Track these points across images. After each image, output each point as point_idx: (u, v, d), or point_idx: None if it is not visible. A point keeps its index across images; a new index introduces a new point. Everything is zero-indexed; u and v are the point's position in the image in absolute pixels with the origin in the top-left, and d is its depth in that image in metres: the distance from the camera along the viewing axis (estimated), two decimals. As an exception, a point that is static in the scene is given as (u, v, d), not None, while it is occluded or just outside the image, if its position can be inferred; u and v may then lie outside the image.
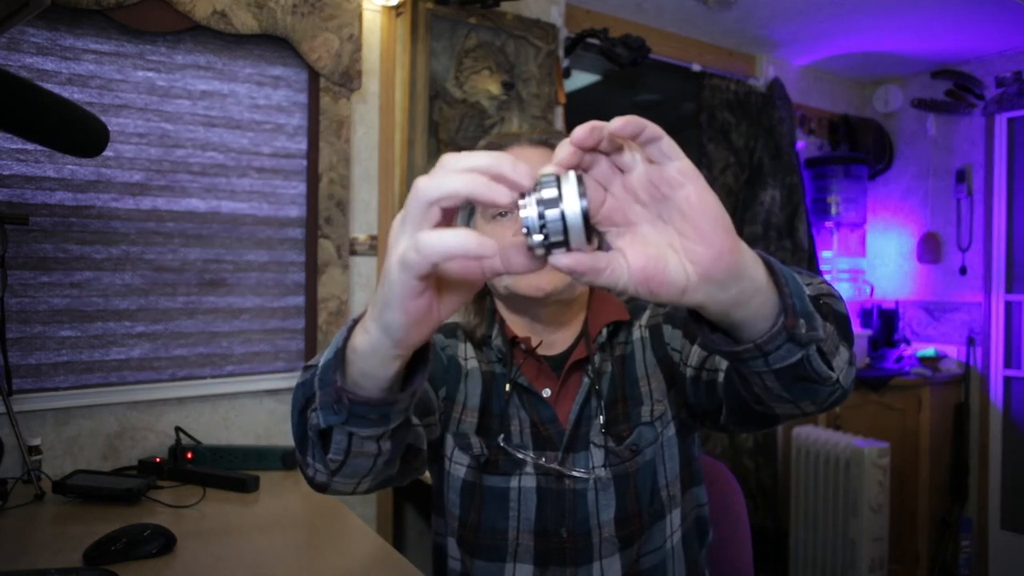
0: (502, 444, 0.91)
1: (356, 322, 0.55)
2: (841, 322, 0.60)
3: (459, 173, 0.42)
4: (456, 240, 0.42)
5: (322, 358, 0.59)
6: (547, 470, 0.90)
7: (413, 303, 0.46)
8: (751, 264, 0.48)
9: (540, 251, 0.43)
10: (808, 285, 0.59)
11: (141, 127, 1.67)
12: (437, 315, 0.49)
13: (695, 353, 0.85)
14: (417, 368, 0.56)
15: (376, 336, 0.49)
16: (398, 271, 0.44)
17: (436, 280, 0.47)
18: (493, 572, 0.90)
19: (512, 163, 0.42)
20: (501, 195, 0.42)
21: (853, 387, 0.64)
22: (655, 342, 0.95)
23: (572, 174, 0.42)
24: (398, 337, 0.48)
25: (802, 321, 0.52)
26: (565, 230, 0.42)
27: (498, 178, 0.42)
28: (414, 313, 0.46)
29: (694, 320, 0.54)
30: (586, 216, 0.42)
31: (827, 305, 0.59)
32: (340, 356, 0.54)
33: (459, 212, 0.99)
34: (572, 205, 0.41)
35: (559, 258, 0.43)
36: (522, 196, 0.43)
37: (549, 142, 0.94)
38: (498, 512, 0.90)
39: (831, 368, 0.57)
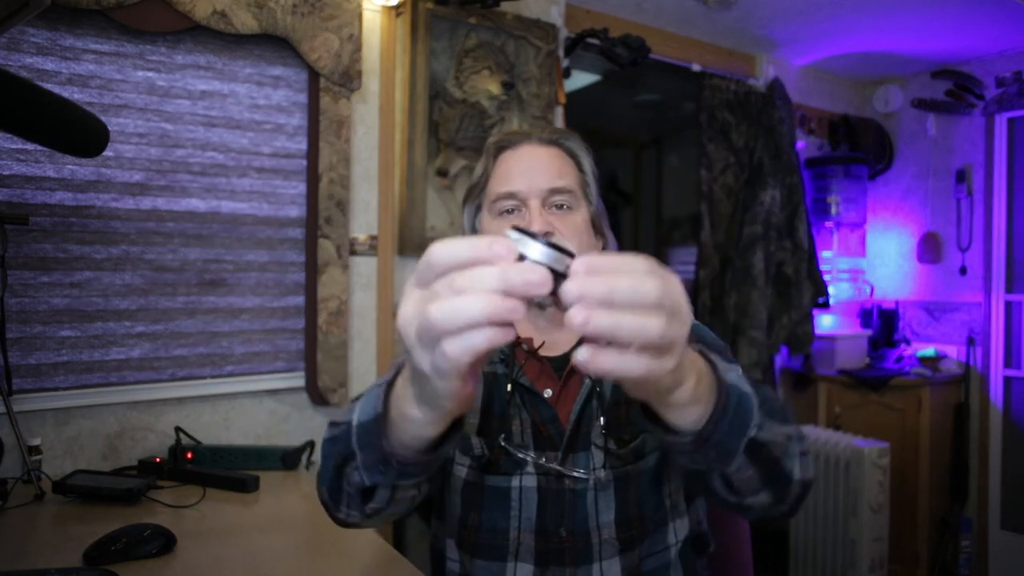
0: (502, 444, 0.91)
1: (390, 386, 0.57)
2: (772, 474, 0.63)
3: (475, 296, 0.40)
4: (483, 338, 0.41)
5: (354, 416, 0.61)
6: (547, 470, 0.89)
7: (461, 391, 0.46)
8: (689, 391, 0.52)
9: (547, 302, 0.43)
10: (768, 430, 0.61)
11: (141, 127, 1.67)
12: (480, 377, 0.51)
13: None
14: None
15: (428, 411, 0.51)
16: (438, 380, 0.44)
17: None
18: (494, 571, 0.89)
19: (518, 272, 0.41)
20: (519, 312, 0.41)
21: (783, 513, 0.69)
22: None
23: (512, 234, 0.43)
24: (451, 412, 0.51)
25: (712, 454, 0.56)
26: (550, 270, 0.42)
27: (512, 294, 0.41)
28: (463, 396, 0.48)
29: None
30: (553, 246, 0.43)
31: (768, 455, 0.61)
32: (382, 423, 0.56)
33: (465, 208, 1.00)
34: (536, 251, 0.43)
35: (572, 317, 0.43)
36: None
37: (559, 142, 0.96)
38: (499, 512, 0.90)
39: (740, 497, 0.64)
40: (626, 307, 0.41)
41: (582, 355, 0.42)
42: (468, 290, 0.41)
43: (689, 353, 0.51)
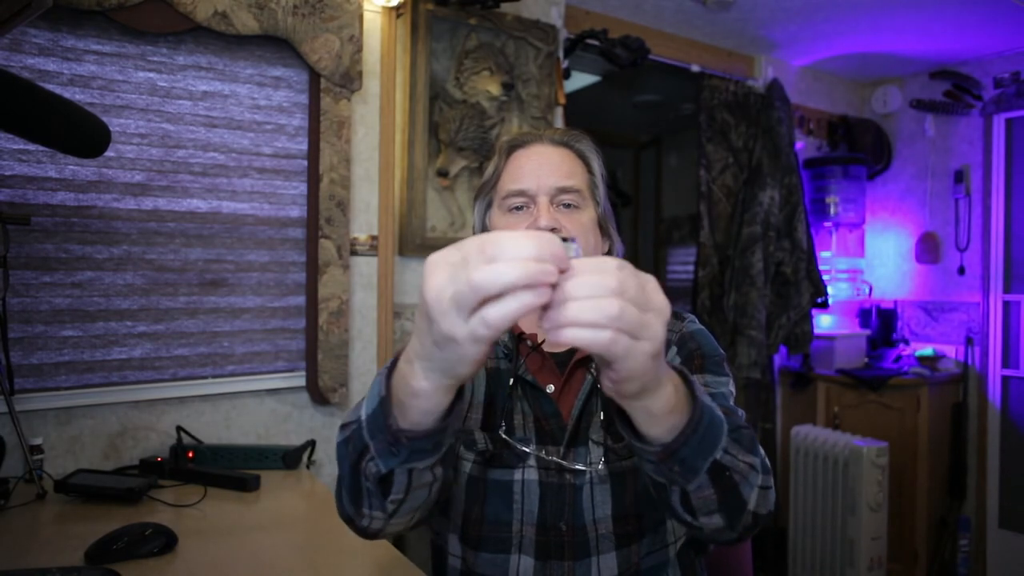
0: (503, 436, 0.92)
1: (390, 371, 0.60)
2: (729, 498, 0.66)
3: (513, 262, 0.45)
4: (518, 304, 0.46)
5: (362, 412, 0.64)
6: (547, 463, 0.90)
7: (483, 356, 0.51)
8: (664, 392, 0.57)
9: None
10: (733, 456, 0.65)
11: (142, 128, 1.68)
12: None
13: None
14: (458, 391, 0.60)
15: (438, 380, 0.55)
16: (472, 344, 0.48)
17: None
18: (498, 563, 0.90)
19: (550, 244, 0.46)
20: (552, 274, 0.46)
21: (730, 540, 0.72)
22: None
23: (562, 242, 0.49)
24: (463, 377, 0.54)
25: (676, 468, 0.61)
26: None
27: (544, 260, 0.46)
28: (481, 362, 0.52)
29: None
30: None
31: (729, 479, 0.65)
32: (387, 404, 0.60)
33: (476, 204, 1.02)
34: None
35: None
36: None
37: (570, 144, 0.98)
38: (502, 505, 0.90)
39: (694, 517, 0.67)
40: (587, 298, 0.47)
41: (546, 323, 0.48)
42: (505, 258, 0.46)
43: (667, 369, 0.57)
